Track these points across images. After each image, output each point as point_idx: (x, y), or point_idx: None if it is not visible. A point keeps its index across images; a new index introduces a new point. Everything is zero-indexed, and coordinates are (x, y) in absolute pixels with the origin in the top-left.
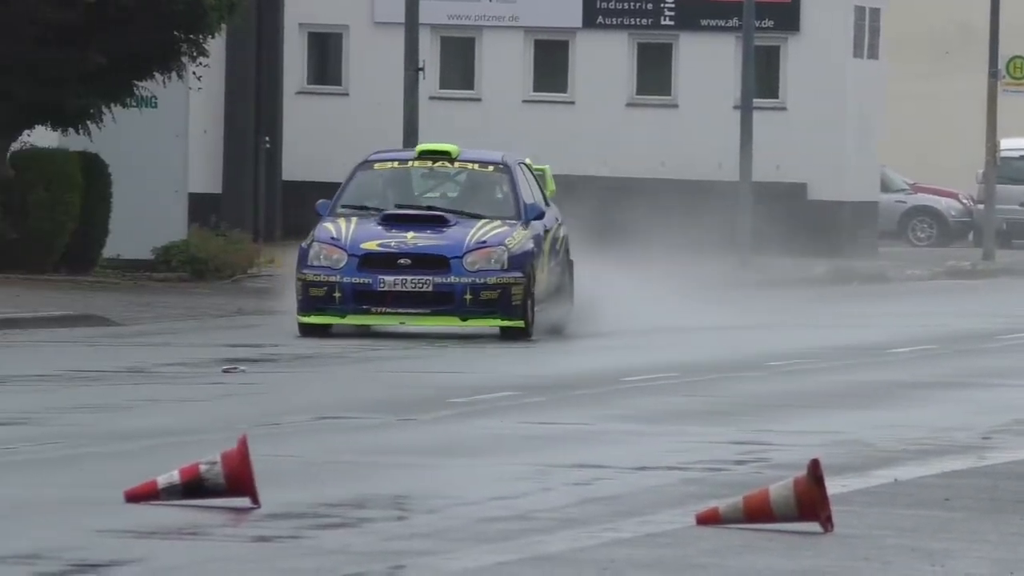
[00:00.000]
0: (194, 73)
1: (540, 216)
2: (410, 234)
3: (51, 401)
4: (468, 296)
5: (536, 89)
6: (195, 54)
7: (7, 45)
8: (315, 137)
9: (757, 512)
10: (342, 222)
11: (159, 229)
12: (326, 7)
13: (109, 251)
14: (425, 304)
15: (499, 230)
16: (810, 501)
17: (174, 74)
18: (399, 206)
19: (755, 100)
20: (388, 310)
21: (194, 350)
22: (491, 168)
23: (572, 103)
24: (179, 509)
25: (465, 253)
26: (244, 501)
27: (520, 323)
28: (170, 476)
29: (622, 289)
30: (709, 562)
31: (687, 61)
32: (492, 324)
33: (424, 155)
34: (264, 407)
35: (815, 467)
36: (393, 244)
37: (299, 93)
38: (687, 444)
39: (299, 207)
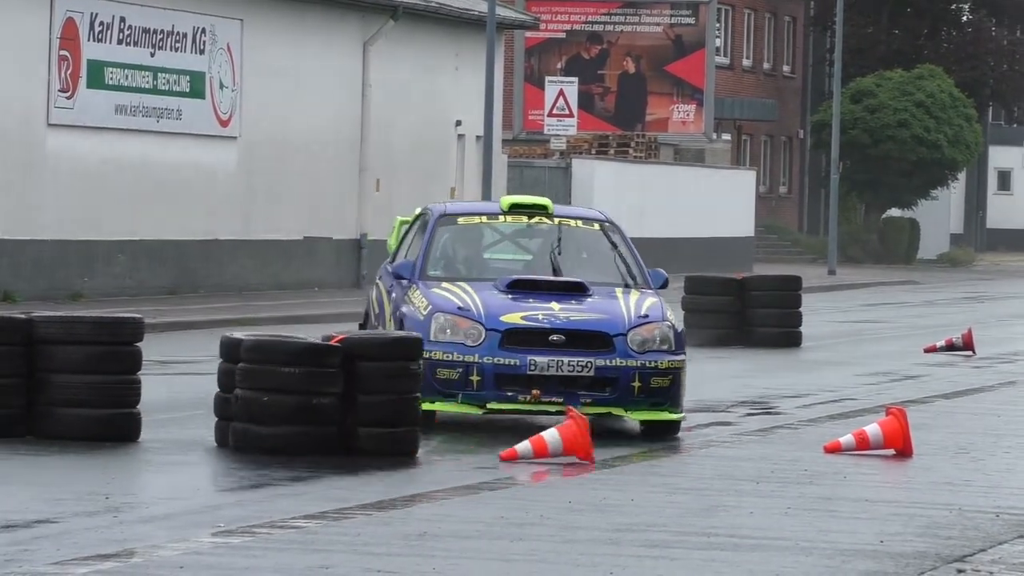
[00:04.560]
0: None
1: (665, 284)
2: (555, 304)
3: None
4: (636, 383)
5: None
6: None
7: None
8: None
9: None
10: (455, 288)
11: None
12: None
13: None
14: (581, 390)
15: (651, 301)
16: None
17: None
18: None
19: None
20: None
21: None
22: (596, 225)
23: None
24: None
25: (629, 330)
26: None
27: (682, 416)
28: None
29: None
30: None
31: None
32: (660, 418)
33: (515, 209)
34: None
35: None
36: (541, 317)
37: None
38: None
39: None
